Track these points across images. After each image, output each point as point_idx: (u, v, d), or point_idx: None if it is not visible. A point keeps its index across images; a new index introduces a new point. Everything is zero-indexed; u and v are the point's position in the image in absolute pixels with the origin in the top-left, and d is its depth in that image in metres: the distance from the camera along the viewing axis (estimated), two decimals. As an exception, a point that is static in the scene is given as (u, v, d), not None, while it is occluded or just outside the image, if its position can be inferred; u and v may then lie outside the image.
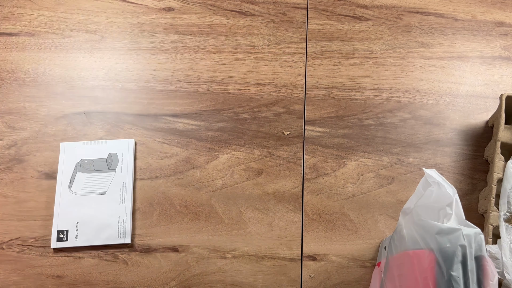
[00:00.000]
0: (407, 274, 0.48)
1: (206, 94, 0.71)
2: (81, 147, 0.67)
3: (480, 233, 0.47)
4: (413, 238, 0.48)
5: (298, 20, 0.75)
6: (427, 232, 0.47)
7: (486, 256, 0.47)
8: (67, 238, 0.63)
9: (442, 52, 0.73)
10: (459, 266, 0.45)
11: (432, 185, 0.49)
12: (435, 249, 0.46)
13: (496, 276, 0.47)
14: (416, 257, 0.47)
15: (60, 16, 0.75)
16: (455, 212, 0.48)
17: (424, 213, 0.49)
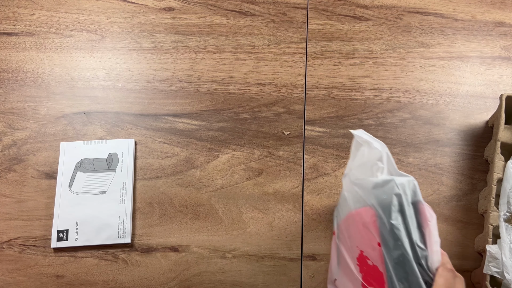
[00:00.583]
0: (355, 233, 0.49)
1: (206, 94, 0.71)
2: (81, 147, 0.67)
3: (414, 180, 0.48)
4: (354, 198, 0.50)
5: (298, 20, 0.75)
6: (365, 189, 0.49)
7: (421, 201, 0.48)
8: (67, 237, 0.63)
9: (442, 52, 0.73)
10: (397, 214, 0.47)
11: (363, 144, 0.51)
12: (374, 203, 0.47)
13: (434, 217, 0.49)
14: (359, 215, 0.48)
15: (60, 16, 0.75)
16: (386, 165, 0.50)
17: (360, 173, 0.50)
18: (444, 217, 0.65)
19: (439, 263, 0.48)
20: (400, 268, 0.46)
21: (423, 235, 0.47)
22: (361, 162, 0.51)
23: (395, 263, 0.46)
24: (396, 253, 0.46)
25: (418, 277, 0.46)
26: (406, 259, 0.46)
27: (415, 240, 0.46)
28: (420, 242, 0.47)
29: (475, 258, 0.63)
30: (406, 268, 0.46)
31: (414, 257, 0.46)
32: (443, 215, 0.65)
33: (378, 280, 0.47)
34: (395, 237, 0.46)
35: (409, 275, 0.46)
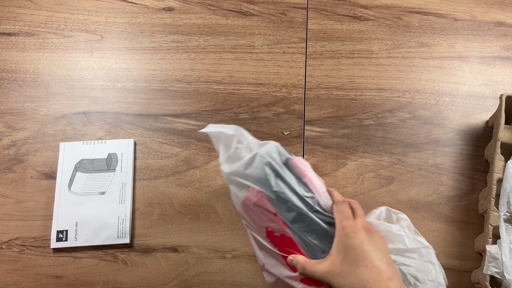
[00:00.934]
0: (253, 216, 0.51)
1: (206, 94, 0.71)
2: (81, 147, 0.67)
3: (276, 144, 0.52)
4: (237, 187, 0.51)
5: (298, 20, 0.75)
6: (240, 174, 0.50)
7: (289, 156, 0.52)
8: (67, 238, 0.63)
9: (442, 52, 0.73)
10: (276, 180, 0.49)
11: (220, 137, 0.53)
12: (254, 183, 0.49)
13: (307, 164, 0.53)
14: (247, 199, 0.50)
15: (60, 16, 0.75)
16: (246, 143, 0.52)
17: (231, 163, 0.52)
18: (444, 217, 0.65)
19: (330, 201, 0.51)
20: (302, 223, 0.49)
21: (306, 185, 0.50)
22: (227, 154, 0.53)
23: (296, 222, 0.48)
24: (291, 214, 0.48)
25: (320, 223, 0.49)
26: (303, 214, 0.49)
27: (301, 193, 0.49)
28: (306, 192, 0.50)
29: (475, 258, 0.63)
30: (307, 222, 0.48)
31: (308, 208, 0.49)
32: (443, 215, 0.65)
33: (291, 245, 0.49)
34: (283, 201, 0.48)
35: (312, 226, 0.49)
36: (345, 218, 0.47)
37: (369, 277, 0.43)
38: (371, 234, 0.47)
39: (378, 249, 0.45)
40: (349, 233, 0.46)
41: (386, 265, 0.44)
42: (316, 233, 0.49)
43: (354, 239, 0.45)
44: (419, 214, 0.65)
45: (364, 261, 0.44)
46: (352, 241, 0.45)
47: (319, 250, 0.48)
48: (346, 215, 0.48)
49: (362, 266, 0.43)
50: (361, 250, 0.44)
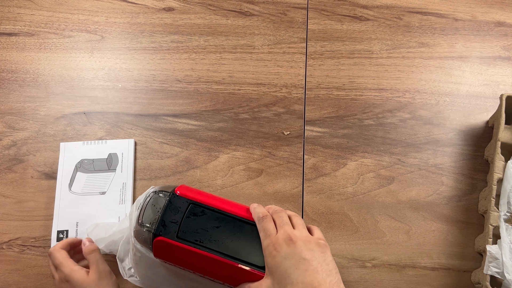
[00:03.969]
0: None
1: (206, 94, 0.71)
2: (81, 147, 0.67)
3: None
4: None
5: (298, 20, 0.75)
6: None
7: (167, 191, 0.52)
8: (67, 238, 0.63)
9: (442, 52, 0.73)
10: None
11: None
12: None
13: (193, 189, 0.53)
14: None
15: (60, 16, 0.75)
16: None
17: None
18: (444, 217, 0.65)
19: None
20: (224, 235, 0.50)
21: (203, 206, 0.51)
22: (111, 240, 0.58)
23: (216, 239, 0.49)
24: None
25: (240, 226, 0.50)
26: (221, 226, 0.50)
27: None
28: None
29: (476, 258, 0.63)
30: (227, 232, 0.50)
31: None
32: (443, 215, 0.65)
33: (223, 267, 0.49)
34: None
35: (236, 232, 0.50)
36: (267, 236, 0.46)
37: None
38: (293, 245, 0.44)
39: (303, 258, 0.42)
40: (271, 252, 0.44)
41: (313, 273, 0.41)
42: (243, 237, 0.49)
43: (276, 257, 0.43)
44: (419, 214, 0.65)
45: (288, 278, 0.41)
46: (274, 260, 0.43)
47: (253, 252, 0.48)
48: (267, 232, 0.46)
49: (288, 284, 0.41)
50: (283, 268, 0.42)
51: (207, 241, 0.48)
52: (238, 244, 0.48)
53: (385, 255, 0.63)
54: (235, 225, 0.49)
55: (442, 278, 0.62)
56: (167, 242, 0.48)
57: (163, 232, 0.49)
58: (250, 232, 0.49)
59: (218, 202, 0.51)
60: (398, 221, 0.65)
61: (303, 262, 0.42)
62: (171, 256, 0.50)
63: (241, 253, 0.48)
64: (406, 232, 0.64)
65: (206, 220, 0.49)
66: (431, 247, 0.63)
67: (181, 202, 0.50)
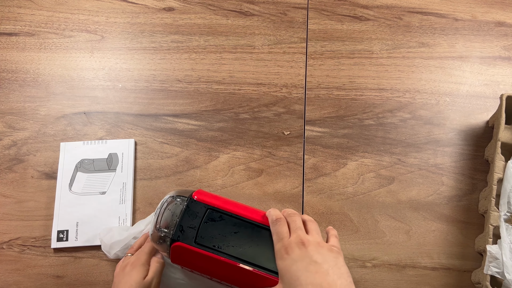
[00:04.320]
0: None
1: (206, 94, 0.71)
2: (81, 147, 0.67)
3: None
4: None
5: (298, 20, 0.75)
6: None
7: (185, 196, 0.53)
8: (67, 238, 0.63)
9: (442, 52, 0.73)
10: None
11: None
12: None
13: (210, 194, 0.53)
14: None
15: (60, 16, 0.75)
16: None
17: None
18: (444, 217, 0.65)
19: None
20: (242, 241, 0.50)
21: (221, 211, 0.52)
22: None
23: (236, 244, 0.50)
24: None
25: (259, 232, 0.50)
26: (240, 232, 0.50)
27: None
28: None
29: (476, 258, 0.63)
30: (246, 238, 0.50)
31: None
32: (443, 215, 0.65)
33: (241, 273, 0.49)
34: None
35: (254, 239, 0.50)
36: (279, 239, 0.46)
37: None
38: (304, 248, 0.43)
39: (314, 261, 0.42)
40: (282, 255, 0.44)
41: (324, 275, 0.40)
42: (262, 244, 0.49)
43: (286, 260, 0.43)
44: (420, 214, 0.65)
45: (298, 281, 0.41)
46: (285, 263, 0.43)
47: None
48: (280, 235, 0.46)
49: (297, 287, 0.41)
50: (293, 270, 0.42)
51: (225, 247, 0.48)
52: (256, 250, 0.48)
53: (385, 255, 0.63)
54: (253, 230, 0.49)
55: (442, 278, 0.62)
56: (185, 247, 0.48)
57: (181, 237, 0.49)
58: (268, 238, 0.49)
59: (236, 207, 0.51)
60: (398, 221, 0.65)
61: (314, 264, 0.42)
62: (189, 261, 0.50)
63: (259, 259, 0.48)
64: (406, 232, 0.64)
65: (224, 226, 0.49)
66: (431, 247, 0.63)
67: (199, 207, 0.50)
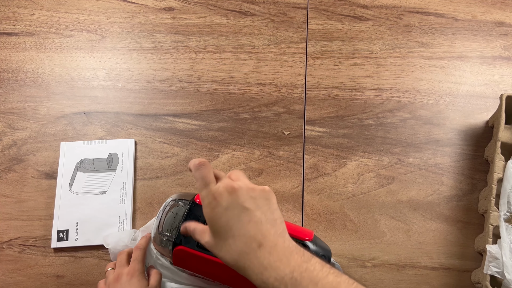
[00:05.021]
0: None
1: (206, 94, 0.71)
2: (81, 147, 0.67)
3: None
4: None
5: (298, 20, 0.75)
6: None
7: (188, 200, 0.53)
8: (67, 237, 0.63)
9: (442, 52, 0.73)
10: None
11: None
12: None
13: None
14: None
15: (60, 16, 0.75)
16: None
17: None
18: (444, 217, 0.65)
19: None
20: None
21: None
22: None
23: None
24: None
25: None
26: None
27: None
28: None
29: (476, 258, 0.63)
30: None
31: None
32: (443, 215, 0.65)
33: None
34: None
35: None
36: (205, 185, 0.41)
37: (237, 248, 0.38)
38: (234, 194, 0.40)
39: (246, 208, 0.39)
40: (210, 203, 0.40)
41: (257, 225, 0.38)
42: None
43: (216, 208, 0.39)
44: (419, 214, 0.65)
45: (230, 231, 0.38)
46: (214, 211, 0.39)
47: None
48: (206, 180, 0.41)
49: (229, 238, 0.38)
50: (224, 219, 0.39)
51: None
52: None
53: (385, 254, 0.63)
54: None
55: (442, 278, 0.62)
56: (187, 251, 0.48)
57: (184, 241, 0.49)
58: None
59: None
60: (398, 221, 0.65)
61: (246, 212, 0.39)
62: (191, 264, 0.50)
63: None
64: (406, 232, 0.64)
65: None
66: (431, 247, 0.63)
67: (201, 210, 0.50)
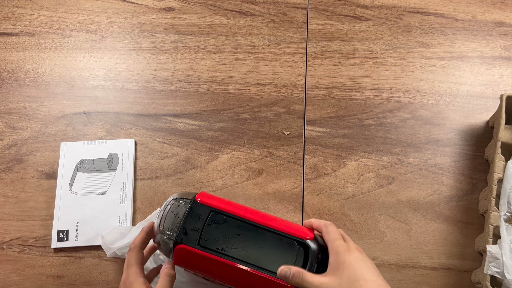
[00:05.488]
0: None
1: (206, 94, 0.71)
2: (82, 147, 0.67)
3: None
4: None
5: (299, 20, 0.75)
6: None
7: (188, 198, 0.52)
8: (68, 238, 0.63)
9: (442, 52, 0.73)
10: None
11: None
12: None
13: (214, 196, 0.53)
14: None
15: (61, 16, 0.75)
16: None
17: None
18: (444, 217, 0.65)
19: None
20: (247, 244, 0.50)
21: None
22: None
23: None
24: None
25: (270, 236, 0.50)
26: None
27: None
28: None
29: (476, 258, 0.63)
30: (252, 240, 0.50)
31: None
32: (443, 215, 0.65)
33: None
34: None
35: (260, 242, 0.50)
36: (337, 238, 0.49)
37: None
38: (363, 254, 0.48)
39: (372, 269, 0.47)
40: (344, 251, 0.47)
41: (383, 282, 0.46)
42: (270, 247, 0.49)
43: (349, 256, 0.47)
44: (420, 214, 0.65)
45: (361, 276, 0.45)
46: (347, 258, 0.46)
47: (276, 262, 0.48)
48: (337, 236, 0.49)
49: (361, 280, 0.45)
50: (357, 266, 0.46)
51: (228, 249, 0.48)
52: (259, 252, 0.48)
53: (385, 255, 0.63)
54: (256, 233, 0.49)
55: (442, 278, 0.62)
56: (189, 250, 0.48)
57: (185, 240, 0.49)
58: (272, 240, 0.49)
59: (239, 209, 0.51)
60: (398, 221, 0.65)
61: (374, 271, 0.47)
62: (192, 263, 0.50)
63: (263, 262, 0.48)
64: (406, 232, 0.64)
65: (228, 228, 0.49)
66: (431, 247, 0.63)
67: (202, 209, 0.50)
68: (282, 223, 0.50)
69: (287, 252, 0.48)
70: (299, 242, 0.49)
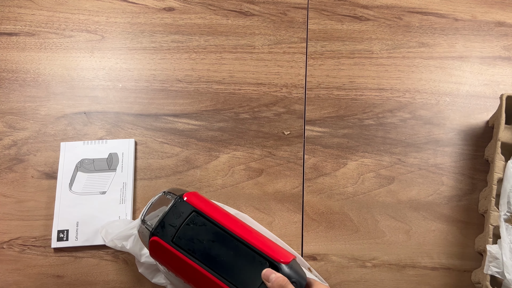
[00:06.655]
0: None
1: (206, 94, 0.71)
2: (82, 147, 0.67)
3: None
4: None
5: (299, 20, 0.75)
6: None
7: (176, 195, 0.52)
8: (68, 237, 0.63)
9: (442, 52, 0.73)
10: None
11: None
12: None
13: (204, 198, 0.53)
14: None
15: (61, 16, 0.75)
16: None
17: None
18: (444, 217, 0.65)
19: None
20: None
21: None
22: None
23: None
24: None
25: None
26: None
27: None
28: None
29: (476, 258, 0.63)
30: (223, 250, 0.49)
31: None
32: (443, 215, 0.65)
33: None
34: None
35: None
36: None
37: None
38: None
39: None
40: None
41: None
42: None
43: None
44: (420, 214, 0.65)
45: None
46: None
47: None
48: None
49: None
50: None
51: (199, 253, 0.48)
52: (228, 264, 0.47)
53: (385, 255, 0.63)
54: (231, 244, 0.48)
55: (442, 278, 0.62)
56: (162, 244, 0.49)
57: (160, 233, 0.49)
58: (244, 255, 0.48)
59: (223, 217, 0.50)
60: (398, 221, 0.65)
61: None
62: (164, 258, 0.50)
63: (228, 273, 0.47)
64: (406, 232, 0.64)
65: (204, 232, 0.49)
66: (431, 247, 0.63)
67: (185, 208, 0.50)
68: (262, 241, 0.49)
69: (256, 270, 0.46)
70: (271, 264, 0.47)
